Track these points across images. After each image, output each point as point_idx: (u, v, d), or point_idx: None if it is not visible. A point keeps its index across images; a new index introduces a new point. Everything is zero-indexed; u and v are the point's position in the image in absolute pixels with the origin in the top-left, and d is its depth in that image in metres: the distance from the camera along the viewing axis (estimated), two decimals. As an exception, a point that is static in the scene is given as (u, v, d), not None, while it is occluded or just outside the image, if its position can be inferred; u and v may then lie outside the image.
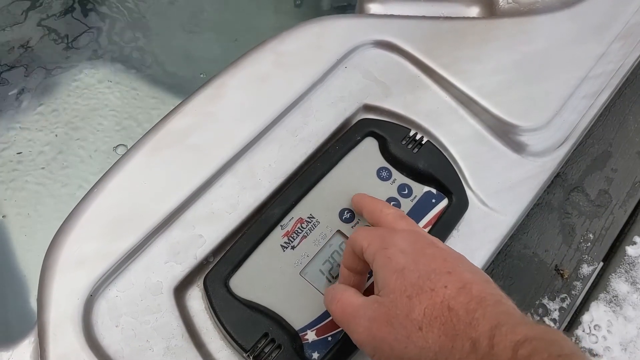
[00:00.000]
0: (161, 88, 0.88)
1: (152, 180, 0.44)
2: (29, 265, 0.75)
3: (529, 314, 0.53)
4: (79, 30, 0.89)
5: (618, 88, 0.59)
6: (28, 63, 0.87)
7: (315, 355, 0.41)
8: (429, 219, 0.46)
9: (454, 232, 0.47)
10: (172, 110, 0.46)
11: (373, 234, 0.38)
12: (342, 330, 0.42)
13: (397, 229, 0.39)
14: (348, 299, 0.37)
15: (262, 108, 0.48)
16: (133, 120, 0.86)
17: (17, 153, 0.82)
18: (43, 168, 0.82)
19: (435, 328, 0.31)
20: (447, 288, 0.32)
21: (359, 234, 0.39)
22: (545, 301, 0.54)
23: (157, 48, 0.89)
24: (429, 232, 0.46)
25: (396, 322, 0.32)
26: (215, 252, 0.44)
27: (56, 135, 0.84)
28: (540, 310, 0.54)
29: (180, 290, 0.42)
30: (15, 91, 0.86)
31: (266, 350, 0.40)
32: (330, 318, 0.42)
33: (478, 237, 0.48)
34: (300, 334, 0.41)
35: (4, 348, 0.42)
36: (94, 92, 0.87)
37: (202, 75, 0.88)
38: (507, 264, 0.55)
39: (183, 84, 0.87)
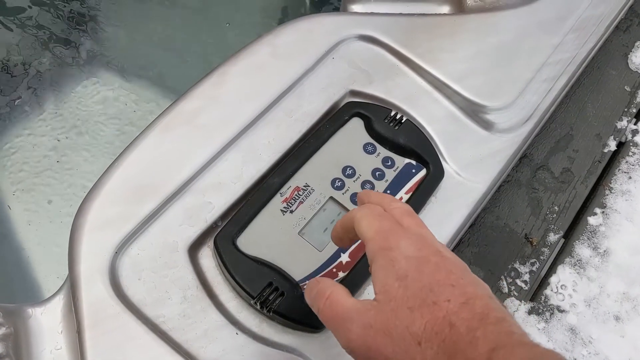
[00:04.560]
0: (161, 94, 0.94)
1: (167, 155, 0.50)
2: (37, 255, 0.81)
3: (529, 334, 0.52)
4: (79, 39, 0.95)
5: (577, 77, 0.66)
6: (32, 73, 0.93)
7: (314, 301, 0.46)
8: (410, 186, 0.53)
9: (432, 198, 0.54)
10: (181, 95, 0.53)
11: (379, 225, 0.36)
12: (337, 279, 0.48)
13: (404, 225, 0.37)
14: (338, 298, 0.35)
15: (261, 92, 0.54)
16: (133, 125, 0.92)
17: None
18: (49, 170, 0.88)
19: (435, 344, 0.30)
20: (450, 302, 0.31)
21: (364, 217, 0.37)
22: (516, 265, 0.60)
23: (157, 56, 0.95)
24: (411, 197, 0.52)
25: (395, 334, 0.31)
26: (223, 216, 0.49)
27: (59, 141, 0.90)
28: (512, 273, 0.60)
29: (193, 250, 0.48)
30: (19, 100, 0.91)
31: (271, 297, 0.45)
32: (326, 270, 0.48)
33: (453, 203, 0.54)
34: (300, 284, 0.47)
35: (38, 305, 0.47)
36: (96, 100, 0.93)
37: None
38: (481, 233, 0.61)
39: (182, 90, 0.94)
